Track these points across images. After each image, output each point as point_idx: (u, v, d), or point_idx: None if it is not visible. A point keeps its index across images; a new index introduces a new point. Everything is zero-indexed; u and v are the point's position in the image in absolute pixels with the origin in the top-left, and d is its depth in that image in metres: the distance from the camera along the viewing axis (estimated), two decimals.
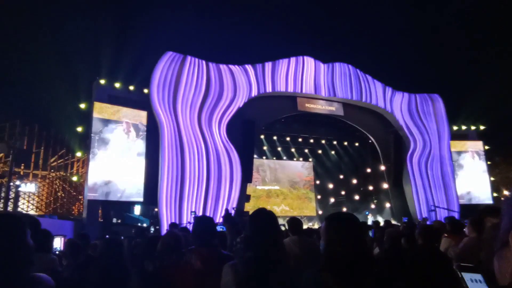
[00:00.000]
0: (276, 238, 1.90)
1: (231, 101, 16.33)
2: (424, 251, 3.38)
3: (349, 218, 1.77)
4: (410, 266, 3.14)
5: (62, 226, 12.61)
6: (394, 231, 4.06)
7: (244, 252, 1.88)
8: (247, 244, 1.89)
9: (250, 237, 1.90)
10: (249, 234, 1.92)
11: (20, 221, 1.61)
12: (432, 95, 21.21)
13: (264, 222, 1.92)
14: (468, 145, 21.63)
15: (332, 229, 1.71)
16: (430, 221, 14.55)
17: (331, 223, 1.75)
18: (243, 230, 5.43)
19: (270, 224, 1.91)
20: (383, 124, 20.21)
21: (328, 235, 1.70)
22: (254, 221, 1.95)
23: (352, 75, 19.39)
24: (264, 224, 1.90)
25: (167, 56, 15.51)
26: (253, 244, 1.85)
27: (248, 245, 1.88)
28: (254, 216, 1.99)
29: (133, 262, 3.45)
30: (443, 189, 19.51)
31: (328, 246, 1.68)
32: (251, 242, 1.87)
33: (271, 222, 1.93)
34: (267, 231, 1.87)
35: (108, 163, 14.24)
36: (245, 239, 1.92)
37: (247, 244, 1.89)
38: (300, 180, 23.22)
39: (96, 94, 14.80)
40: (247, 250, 1.87)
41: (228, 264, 1.91)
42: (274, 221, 1.94)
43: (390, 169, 19.50)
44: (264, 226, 1.89)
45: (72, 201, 18.10)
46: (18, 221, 1.60)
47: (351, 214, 1.83)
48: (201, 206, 14.71)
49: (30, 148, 16.98)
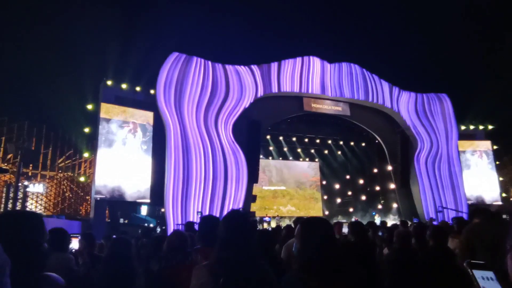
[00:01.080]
0: (249, 238, 1.91)
1: (237, 101, 16.33)
2: (436, 252, 3.33)
3: (319, 221, 1.98)
4: (422, 267, 3.11)
5: (70, 226, 12.69)
6: (404, 231, 4.01)
7: (218, 253, 1.87)
8: (223, 245, 1.88)
9: (225, 238, 1.90)
10: (224, 235, 1.93)
11: (40, 220, 1.61)
12: (439, 94, 21.03)
13: (238, 222, 1.93)
14: (476, 144, 21.41)
15: (303, 233, 1.92)
16: (437, 222, 14.42)
17: (303, 228, 1.96)
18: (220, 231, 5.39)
19: (243, 224, 1.94)
20: (390, 124, 20.07)
21: (300, 239, 1.92)
22: (228, 222, 1.96)
23: (359, 75, 19.28)
24: (238, 225, 1.92)
25: (173, 57, 15.55)
26: (230, 244, 1.85)
27: (223, 246, 1.88)
28: (228, 217, 2.01)
29: (139, 262, 3.46)
30: (451, 189, 19.33)
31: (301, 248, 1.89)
32: (226, 243, 1.87)
33: (244, 222, 1.96)
34: (241, 231, 1.89)
35: (115, 163, 14.31)
36: (220, 240, 1.92)
37: (223, 245, 1.88)
38: (307, 180, 23.17)
39: (103, 95, 14.90)
40: (222, 251, 1.87)
41: (202, 265, 1.89)
42: (247, 222, 1.98)
43: (397, 169, 19.35)
44: (238, 226, 1.91)
45: (79, 201, 18.24)
46: (39, 220, 1.60)
47: (321, 218, 2.06)
48: (207, 207, 14.72)
49: (38, 149, 17.15)
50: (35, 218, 1.60)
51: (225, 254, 1.83)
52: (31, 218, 1.59)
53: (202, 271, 1.85)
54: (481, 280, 1.24)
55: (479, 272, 1.26)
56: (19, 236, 1.44)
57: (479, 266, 1.28)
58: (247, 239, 1.88)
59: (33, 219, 1.59)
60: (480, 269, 1.27)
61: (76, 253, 3.57)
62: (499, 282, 1.21)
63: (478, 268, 1.27)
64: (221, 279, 1.76)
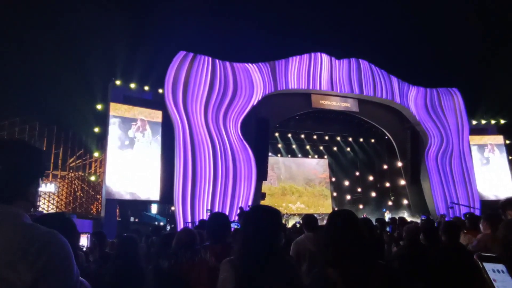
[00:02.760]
0: (275, 234, 1.88)
1: (245, 99, 16.32)
2: (449, 248, 3.28)
3: (348, 214, 1.89)
4: (434, 264, 3.07)
5: (82, 225, 12.85)
6: (414, 227, 3.97)
7: (241, 248, 1.86)
8: (245, 239, 1.87)
9: (248, 233, 1.89)
10: (247, 230, 1.91)
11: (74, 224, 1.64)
12: (450, 89, 20.75)
13: (261, 218, 1.91)
14: (488, 139, 21.09)
15: (332, 226, 1.84)
16: (448, 218, 14.26)
17: (331, 220, 1.88)
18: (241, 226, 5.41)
19: (268, 220, 1.90)
20: (400, 120, 19.88)
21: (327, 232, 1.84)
22: (251, 217, 1.95)
23: (367, 71, 19.11)
24: (262, 221, 1.89)
25: (181, 56, 15.60)
26: (252, 239, 1.84)
27: (246, 240, 1.87)
28: (251, 212, 2.00)
29: (149, 260, 3.48)
30: (463, 185, 19.09)
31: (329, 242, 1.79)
32: (249, 237, 1.86)
33: (269, 218, 1.92)
34: (265, 227, 1.86)
35: (125, 162, 14.43)
36: (243, 234, 1.90)
37: (245, 240, 1.87)
38: (316, 177, 23.10)
39: (112, 95, 15.02)
40: (244, 246, 1.86)
41: (227, 260, 1.89)
42: (273, 216, 1.93)
43: (407, 166, 19.17)
44: (262, 222, 1.88)
45: (90, 200, 18.44)
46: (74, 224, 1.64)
47: (349, 211, 1.94)
48: (217, 204, 14.77)
49: (50, 149, 17.36)
50: (72, 222, 1.64)
51: (246, 248, 1.83)
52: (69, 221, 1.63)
53: (226, 265, 1.86)
54: (492, 272, 1.22)
55: (490, 264, 1.24)
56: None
57: (490, 258, 1.26)
58: (270, 234, 1.86)
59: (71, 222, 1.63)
60: (490, 261, 1.25)
61: (87, 250, 3.61)
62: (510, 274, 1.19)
63: (489, 260, 1.25)
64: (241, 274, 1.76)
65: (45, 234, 1.09)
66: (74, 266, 1.11)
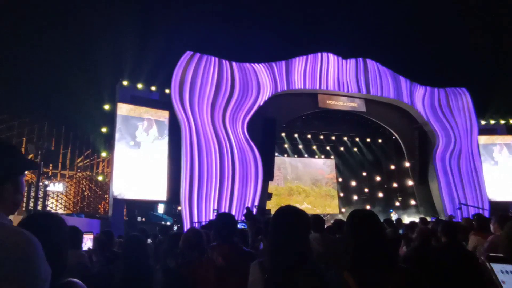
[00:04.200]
0: (304, 237, 1.83)
1: (251, 99, 16.32)
2: (448, 249, 3.25)
3: (371, 215, 1.78)
4: (434, 265, 3.03)
5: (90, 225, 12.96)
6: (426, 229, 3.93)
7: (271, 251, 1.83)
8: (274, 242, 1.83)
9: (277, 235, 1.84)
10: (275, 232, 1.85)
11: (65, 222, 1.55)
12: (459, 89, 20.54)
13: (292, 219, 1.84)
14: (498, 139, 20.83)
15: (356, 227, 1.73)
16: (457, 219, 14.12)
17: (353, 220, 1.78)
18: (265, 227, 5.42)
19: (298, 221, 1.84)
20: (407, 120, 19.72)
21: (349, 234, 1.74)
22: (281, 218, 1.88)
23: (374, 70, 19.00)
24: (292, 222, 1.83)
25: (187, 56, 15.65)
26: (280, 242, 1.79)
27: (274, 244, 1.83)
28: (281, 213, 1.90)
29: (157, 259, 3.49)
30: (471, 185, 18.89)
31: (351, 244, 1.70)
32: (277, 241, 1.82)
33: (299, 219, 1.85)
34: (295, 229, 1.81)
35: (132, 162, 14.50)
36: (271, 237, 1.86)
37: (274, 243, 1.83)
38: (322, 177, 23.01)
39: (119, 95, 15.12)
40: (272, 248, 1.83)
41: (256, 262, 1.87)
42: (302, 218, 1.86)
43: (415, 166, 19.01)
44: (292, 224, 1.82)
45: (98, 200, 18.58)
46: (64, 222, 1.54)
47: (371, 212, 1.83)
48: (223, 204, 14.79)
49: (58, 149, 17.54)
50: (61, 220, 1.54)
51: (276, 252, 1.78)
52: (58, 220, 1.52)
53: (255, 267, 1.84)
54: (500, 274, 1.20)
55: (498, 265, 1.22)
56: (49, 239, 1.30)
57: (499, 259, 1.23)
58: (301, 239, 1.80)
59: (60, 221, 1.52)
60: (499, 262, 1.22)
61: (90, 251, 3.63)
62: None
63: (498, 261, 1.23)
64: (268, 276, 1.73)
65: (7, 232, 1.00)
66: (41, 269, 1.01)
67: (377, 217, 1.79)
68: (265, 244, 1.88)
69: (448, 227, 3.49)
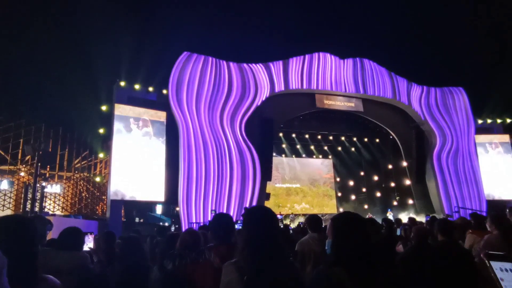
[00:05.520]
0: (275, 234, 1.89)
1: (249, 99, 16.31)
2: (444, 247, 3.25)
3: (354, 217, 1.91)
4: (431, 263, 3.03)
5: (88, 226, 12.88)
6: (423, 229, 3.94)
7: (243, 249, 1.85)
8: (248, 241, 1.86)
9: (250, 234, 1.87)
10: (248, 231, 1.90)
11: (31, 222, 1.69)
12: (456, 88, 20.60)
13: (263, 218, 1.91)
14: (494, 138, 20.90)
15: (338, 229, 1.87)
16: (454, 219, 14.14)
17: (336, 223, 1.90)
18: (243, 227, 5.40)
19: (268, 220, 1.91)
20: (404, 119, 19.77)
21: (335, 234, 1.87)
22: (252, 217, 1.94)
23: (372, 70, 19.04)
24: (263, 220, 1.90)
25: (185, 57, 15.63)
26: (255, 240, 1.82)
27: (249, 242, 1.85)
28: (252, 212, 1.98)
29: (154, 260, 3.48)
30: (469, 184, 18.94)
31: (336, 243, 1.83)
32: (252, 239, 1.84)
33: (269, 218, 1.93)
34: (266, 227, 1.87)
35: (130, 163, 14.46)
36: (245, 236, 1.89)
37: (248, 241, 1.86)
38: (320, 177, 23.05)
39: (116, 96, 15.09)
40: (248, 247, 1.84)
41: (230, 263, 1.88)
42: (272, 217, 1.95)
43: (413, 165, 19.06)
44: (263, 222, 1.89)
45: (96, 201, 18.53)
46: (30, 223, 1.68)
47: (356, 214, 1.97)
48: (221, 205, 14.78)
49: (55, 150, 17.49)
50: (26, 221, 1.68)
51: (250, 250, 1.81)
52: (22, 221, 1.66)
53: (230, 267, 1.84)
54: (499, 271, 1.20)
55: (498, 263, 1.22)
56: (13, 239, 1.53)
57: (498, 257, 1.24)
58: (272, 235, 1.86)
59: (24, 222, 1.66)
60: (498, 260, 1.23)
61: (91, 251, 3.62)
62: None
63: (497, 259, 1.23)
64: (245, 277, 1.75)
65: None
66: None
67: (362, 218, 1.95)
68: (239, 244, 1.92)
69: (444, 225, 3.51)
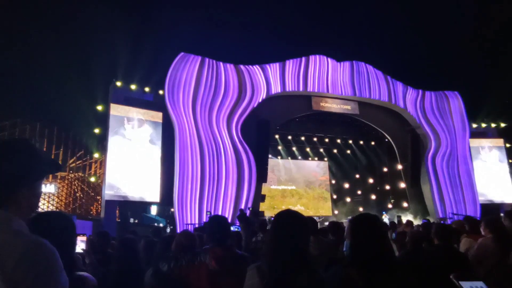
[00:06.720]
0: (302, 241, 1.82)
1: (245, 100, 16.31)
2: (439, 251, 3.27)
3: (372, 218, 1.96)
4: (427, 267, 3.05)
5: (82, 226, 12.82)
6: (418, 233, 3.95)
7: (267, 254, 1.83)
8: (272, 247, 1.82)
9: (275, 240, 1.82)
10: (273, 236, 1.84)
11: (72, 221, 1.67)
12: (451, 92, 20.74)
13: (290, 224, 1.83)
14: (489, 143, 21.06)
15: (354, 230, 1.92)
16: (449, 222, 14.21)
17: (353, 224, 1.96)
18: (259, 230, 5.40)
19: (297, 226, 1.83)
20: (400, 123, 19.87)
21: (352, 235, 1.92)
22: (280, 221, 1.87)
23: (368, 73, 19.12)
24: (291, 226, 1.82)
25: (181, 58, 15.59)
26: (279, 247, 1.77)
27: (272, 248, 1.82)
28: (280, 216, 1.89)
29: (148, 262, 3.46)
30: (463, 188, 19.05)
31: (354, 244, 1.89)
32: (276, 245, 1.80)
33: (297, 224, 1.84)
34: (292, 234, 1.79)
35: (125, 163, 14.41)
36: (270, 241, 1.86)
37: (272, 247, 1.82)
38: (316, 180, 23.07)
39: (112, 96, 15.03)
40: (271, 253, 1.81)
41: (253, 266, 1.83)
42: (300, 223, 1.85)
43: (408, 168, 19.14)
44: (291, 228, 1.81)
45: (90, 201, 18.41)
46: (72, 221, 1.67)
47: (373, 215, 2.01)
48: (217, 206, 14.75)
49: (50, 150, 17.36)
50: (69, 219, 1.67)
51: (276, 254, 1.77)
52: (65, 219, 1.65)
53: (252, 271, 1.81)
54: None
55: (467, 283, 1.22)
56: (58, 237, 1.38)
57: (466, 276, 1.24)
58: (301, 241, 1.80)
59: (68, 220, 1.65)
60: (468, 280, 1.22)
61: (84, 253, 3.59)
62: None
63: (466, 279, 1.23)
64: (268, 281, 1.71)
65: (28, 243, 0.99)
66: (61, 277, 1.02)
67: (381, 220, 2.00)
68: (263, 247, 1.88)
69: (442, 230, 3.51)
